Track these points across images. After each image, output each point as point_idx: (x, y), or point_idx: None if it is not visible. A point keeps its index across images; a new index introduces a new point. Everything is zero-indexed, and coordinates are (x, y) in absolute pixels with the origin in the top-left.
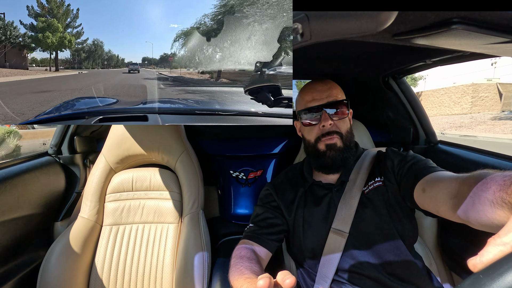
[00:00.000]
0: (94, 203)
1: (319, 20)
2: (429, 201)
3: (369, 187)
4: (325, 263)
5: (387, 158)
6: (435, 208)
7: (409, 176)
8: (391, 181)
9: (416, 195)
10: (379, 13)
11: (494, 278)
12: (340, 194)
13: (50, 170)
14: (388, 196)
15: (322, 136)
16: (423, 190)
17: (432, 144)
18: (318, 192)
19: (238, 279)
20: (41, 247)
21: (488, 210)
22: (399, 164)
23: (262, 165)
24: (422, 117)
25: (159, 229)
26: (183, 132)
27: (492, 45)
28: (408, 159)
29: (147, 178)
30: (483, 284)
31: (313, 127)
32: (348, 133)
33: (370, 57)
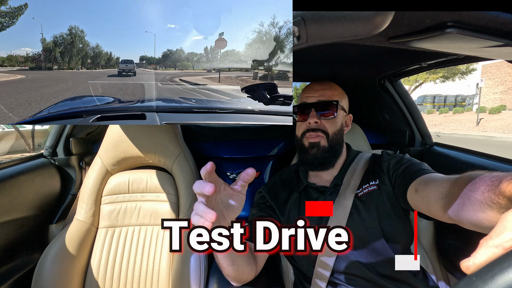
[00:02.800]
0: (90, 205)
1: (316, 23)
2: (421, 201)
3: (363, 190)
4: (320, 264)
5: (383, 160)
6: (426, 208)
7: (403, 177)
8: (386, 183)
9: (409, 196)
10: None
11: (487, 280)
12: (333, 197)
13: (45, 172)
14: (383, 199)
15: (307, 131)
16: (416, 191)
17: (428, 146)
18: (312, 195)
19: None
20: (35, 250)
21: (478, 210)
22: (394, 166)
23: (259, 167)
24: (417, 119)
25: (156, 231)
26: (180, 134)
27: (486, 49)
28: (403, 162)
29: (143, 180)
30: (476, 286)
31: (301, 123)
32: (335, 134)
33: (366, 60)
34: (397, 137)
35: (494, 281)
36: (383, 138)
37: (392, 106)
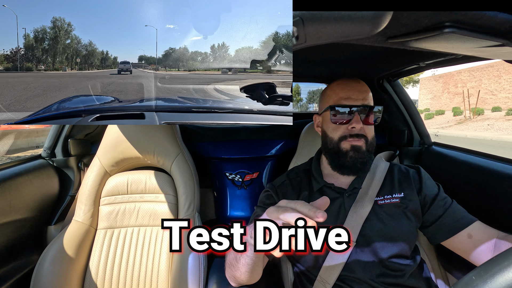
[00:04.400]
0: (89, 207)
1: (314, 23)
2: (470, 247)
3: (385, 200)
4: (327, 269)
5: (413, 179)
6: (468, 255)
7: (453, 217)
8: (413, 200)
9: (457, 238)
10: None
11: (486, 280)
12: (351, 200)
13: (44, 173)
14: (404, 214)
15: (349, 136)
16: (469, 236)
17: (426, 146)
18: (329, 195)
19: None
20: (34, 252)
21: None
22: (433, 195)
23: (258, 167)
24: (416, 119)
25: (155, 232)
26: (178, 134)
27: (484, 49)
28: (444, 196)
29: (142, 181)
30: (475, 285)
31: (339, 126)
32: (372, 139)
33: (365, 60)
34: (395, 137)
35: (493, 280)
36: (382, 138)
37: (391, 106)
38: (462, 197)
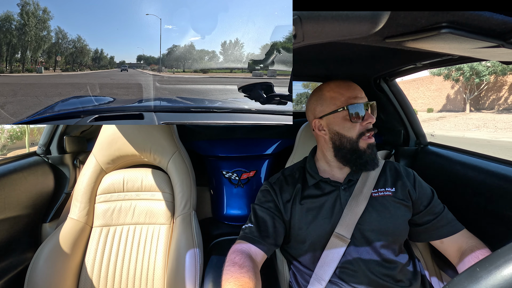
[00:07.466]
0: (84, 204)
1: (312, 22)
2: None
3: (379, 192)
4: (322, 265)
5: (409, 177)
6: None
7: (446, 220)
8: (404, 194)
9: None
10: (371, 16)
11: (491, 271)
12: (347, 194)
13: (39, 170)
14: (396, 205)
15: (367, 131)
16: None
17: (422, 146)
18: (324, 188)
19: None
20: (28, 249)
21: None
22: (425, 196)
23: (255, 165)
24: (412, 119)
25: (151, 230)
26: (175, 132)
27: (480, 49)
28: (436, 200)
29: (138, 178)
30: (479, 276)
31: (355, 124)
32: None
33: (362, 60)
34: (392, 136)
35: (498, 272)
36: (378, 138)
37: (388, 105)
38: (457, 197)
